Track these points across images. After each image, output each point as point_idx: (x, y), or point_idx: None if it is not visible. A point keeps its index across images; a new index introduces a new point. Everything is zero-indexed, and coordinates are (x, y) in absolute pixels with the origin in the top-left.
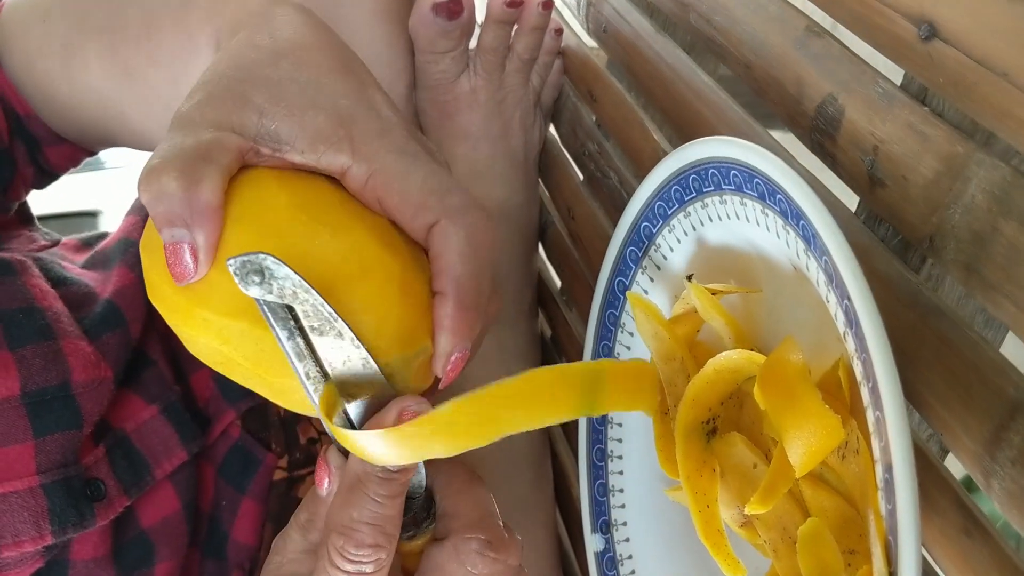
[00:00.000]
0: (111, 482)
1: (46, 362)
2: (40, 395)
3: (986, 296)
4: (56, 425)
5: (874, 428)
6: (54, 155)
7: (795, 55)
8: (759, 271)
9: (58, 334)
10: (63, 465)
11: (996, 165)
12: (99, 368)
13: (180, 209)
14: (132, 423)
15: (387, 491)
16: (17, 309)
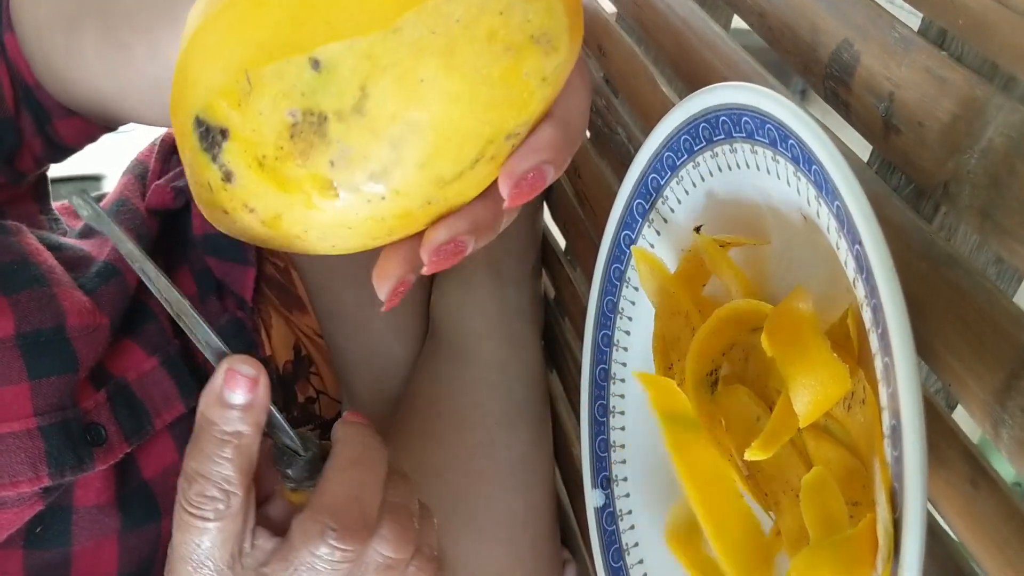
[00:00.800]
0: (112, 428)
1: (39, 305)
2: (35, 336)
3: (1000, 242)
4: (51, 368)
5: (882, 375)
6: (64, 128)
7: (810, 1)
8: (768, 223)
9: (52, 282)
10: (60, 408)
11: (1016, 108)
12: (94, 315)
13: None
14: (133, 372)
15: (220, 451)
16: (11, 261)
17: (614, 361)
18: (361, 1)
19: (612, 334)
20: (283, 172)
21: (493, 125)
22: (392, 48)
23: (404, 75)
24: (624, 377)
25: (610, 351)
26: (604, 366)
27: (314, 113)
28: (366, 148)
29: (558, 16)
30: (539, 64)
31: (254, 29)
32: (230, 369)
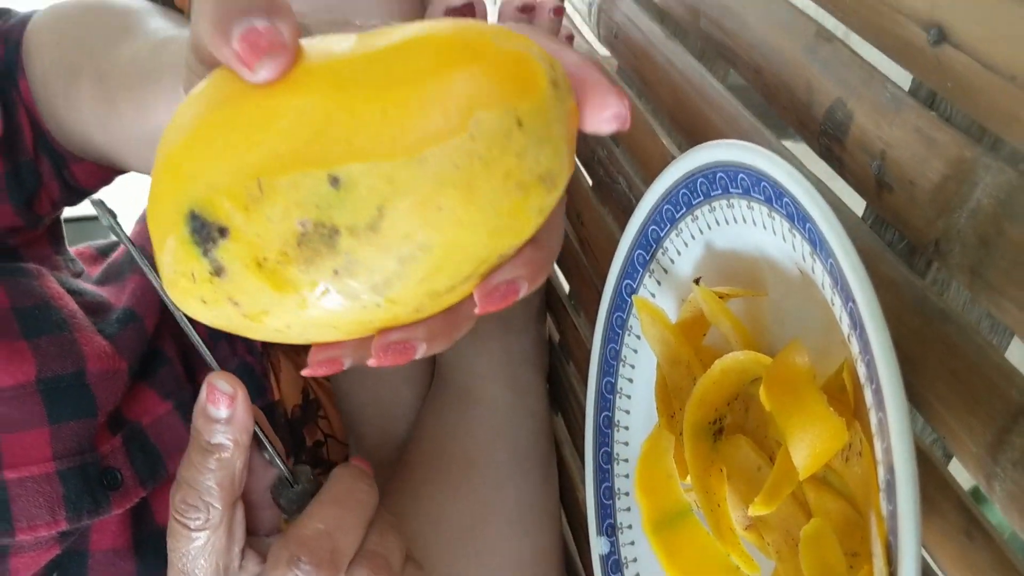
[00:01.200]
0: (128, 472)
1: (61, 351)
2: (55, 382)
3: (990, 300)
4: (71, 412)
5: (877, 430)
6: (80, 171)
7: (805, 60)
8: (766, 275)
9: (73, 327)
10: (78, 452)
11: (1003, 169)
12: (113, 360)
13: (259, 1)
14: (148, 417)
15: (204, 461)
16: (33, 306)
17: (618, 408)
18: (386, 126)
19: (615, 382)
20: (282, 275)
21: (492, 248)
22: (414, 176)
23: (424, 202)
24: (628, 425)
25: (613, 399)
26: (608, 413)
27: (326, 225)
28: (373, 262)
29: (562, 157)
30: (542, 200)
31: (271, 137)
32: (210, 384)
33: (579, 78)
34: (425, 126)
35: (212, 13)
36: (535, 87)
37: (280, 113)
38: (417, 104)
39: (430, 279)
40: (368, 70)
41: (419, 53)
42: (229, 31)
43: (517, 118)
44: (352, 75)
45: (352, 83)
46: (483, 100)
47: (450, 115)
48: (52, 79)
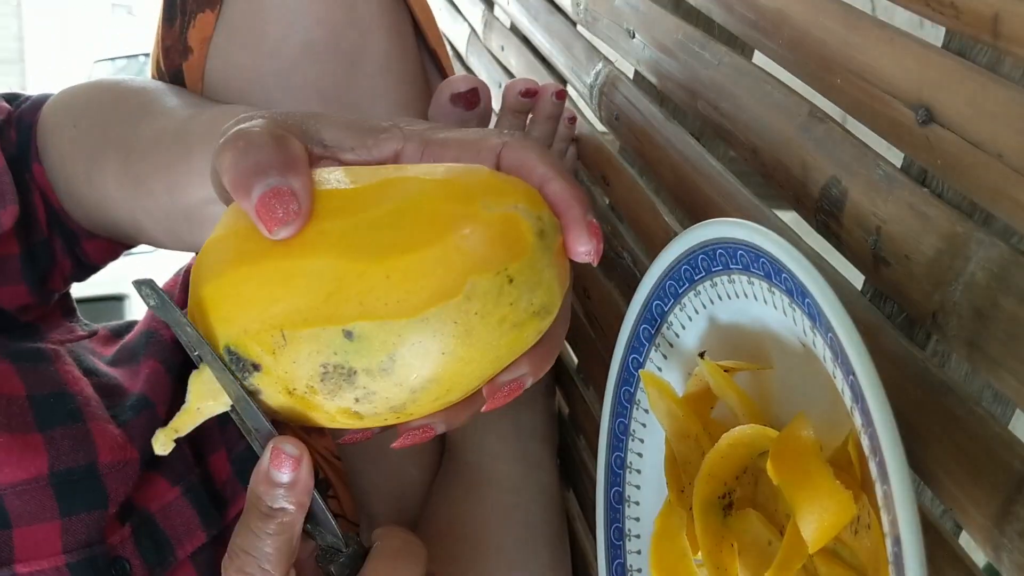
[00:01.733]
0: (136, 561)
1: (74, 443)
2: (67, 475)
3: (990, 371)
4: (82, 505)
5: (883, 502)
6: (91, 248)
7: (799, 139)
8: (770, 348)
9: (87, 417)
10: (88, 544)
11: (995, 244)
12: (125, 450)
13: (272, 158)
14: (157, 503)
15: (264, 526)
16: (49, 394)
17: (628, 484)
18: (392, 291)
19: (625, 456)
20: (310, 401)
21: (494, 370)
22: (418, 331)
23: (429, 350)
24: (639, 500)
25: (623, 474)
26: (618, 488)
27: (345, 367)
28: (388, 393)
29: (555, 292)
30: (538, 327)
31: (292, 294)
32: (276, 448)
33: (560, 212)
34: (426, 290)
35: (232, 170)
36: (523, 246)
37: (298, 273)
38: (418, 271)
39: (442, 399)
40: (373, 236)
41: (417, 220)
42: (249, 189)
43: (508, 276)
44: (359, 241)
45: (360, 250)
46: (476, 266)
47: (447, 281)
48: (71, 161)
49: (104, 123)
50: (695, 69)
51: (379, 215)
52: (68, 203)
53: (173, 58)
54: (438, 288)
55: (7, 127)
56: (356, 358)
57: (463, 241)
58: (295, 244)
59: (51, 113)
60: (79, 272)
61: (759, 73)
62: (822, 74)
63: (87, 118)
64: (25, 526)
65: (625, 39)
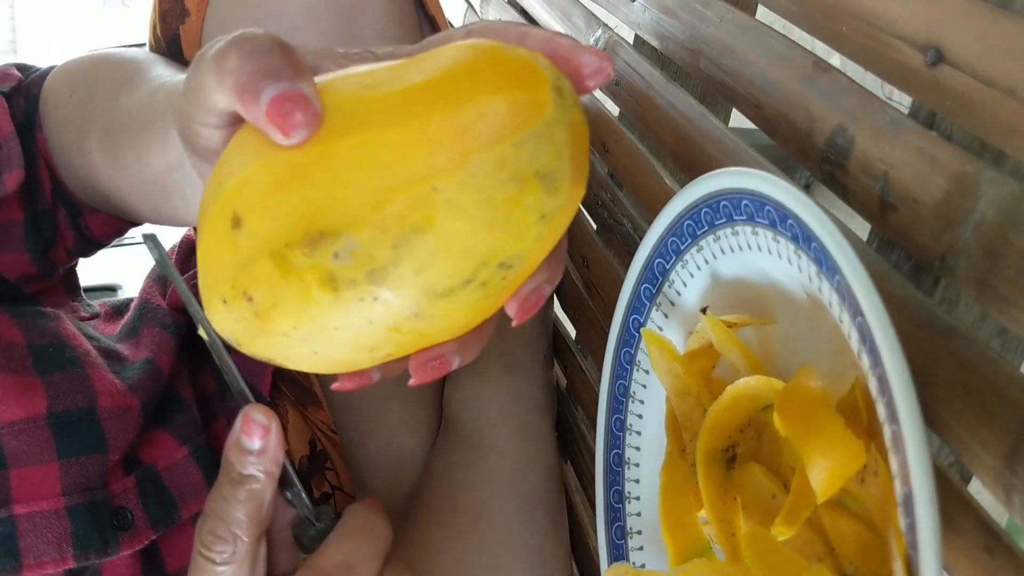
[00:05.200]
0: (139, 513)
1: (72, 386)
2: (65, 416)
3: (1000, 310)
4: (81, 448)
5: (891, 443)
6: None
7: (804, 91)
8: (773, 302)
9: (86, 364)
10: (88, 489)
11: (1006, 181)
12: (126, 397)
13: (281, 62)
14: (164, 461)
15: (235, 492)
16: (47, 343)
17: (628, 445)
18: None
19: (624, 418)
20: (290, 260)
21: (488, 246)
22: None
23: (420, 181)
24: (638, 462)
25: (623, 435)
26: (618, 451)
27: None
28: (370, 244)
29: (564, 160)
30: (539, 199)
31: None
32: (246, 415)
33: (551, 51)
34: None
35: (237, 73)
36: (538, 87)
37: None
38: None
39: (426, 271)
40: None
41: (446, 80)
42: (258, 94)
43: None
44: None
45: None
46: (488, 88)
47: (456, 99)
48: (65, 132)
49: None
50: (697, 28)
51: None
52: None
53: (170, 22)
54: (444, 105)
55: (16, 95)
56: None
57: (483, 71)
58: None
59: (52, 84)
60: (83, 246)
61: (762, 28)
62: (827, 23)
63: (81, 90)
64: (23, 466)
65: (625, 3)
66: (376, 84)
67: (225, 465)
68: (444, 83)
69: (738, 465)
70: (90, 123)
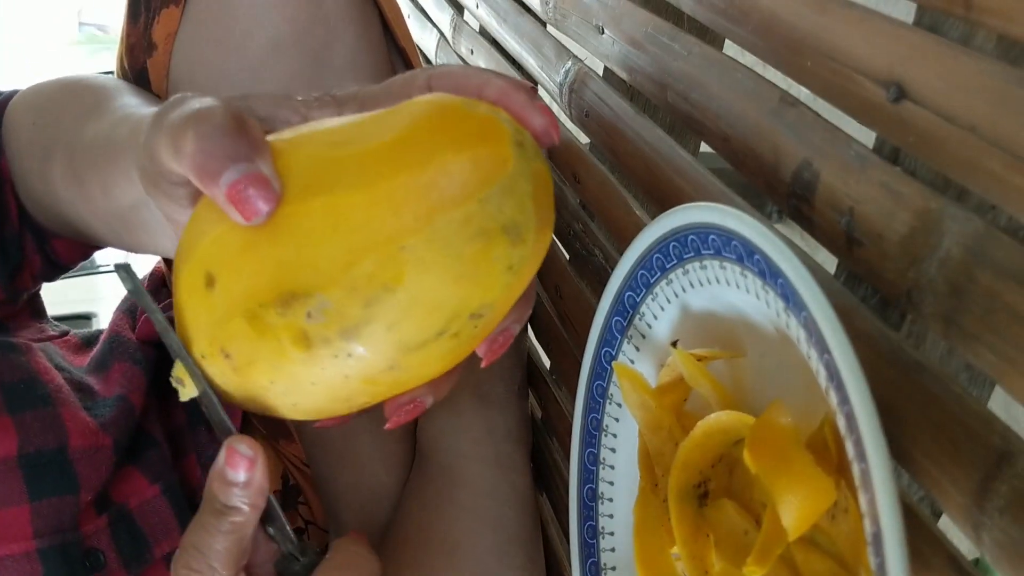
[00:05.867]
0: (111, 554)
1: (44, 426)
2: (37, 458)
3: (966, 346)
4: (53, 489)
5: (860, 481)
6: (60, 247)
7: (770, 125)
8: (743, 335)
9: (58, 403)
10: (60, 531)
11: (969, 218)
12: (97, 436)
13: (238, 143)
14: (135, 499)
15: (217, 523)
16: (19, 380)
17: (601, 480)
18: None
19: (598, 452)
20: (264, 319)
21: (459, 300)
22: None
23: (388, 241)
24: (612, 496)
25: (597, 470)
26: (591, 485)
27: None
28: (342, 303)
29: (528, 211)
30: (506, 251)
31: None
32: (230, 447)
33: (507, 105)
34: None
35: (195, 156)
36: (499, 143)
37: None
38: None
39: (399, 327)
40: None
41: (408, 143)
42: (217, 177)
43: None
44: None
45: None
46: (452, 146)
47: (420, 158)
48: (27, 158)
49: (56, 121)
50: (665, 61)
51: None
52: (26, 200)
53: (137, 55)
54: (409, 167)
55: None
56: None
57: (441, 127)
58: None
59: (15, 109)
60: (48, 271)
61: (729, 62)
62: (792, 58)
63: (45, 115)
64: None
65: (594, 36)
66: (342, 143)
67: (208, 497)
68: (408, 142)
69: (710, 501)
70: (53, 150)
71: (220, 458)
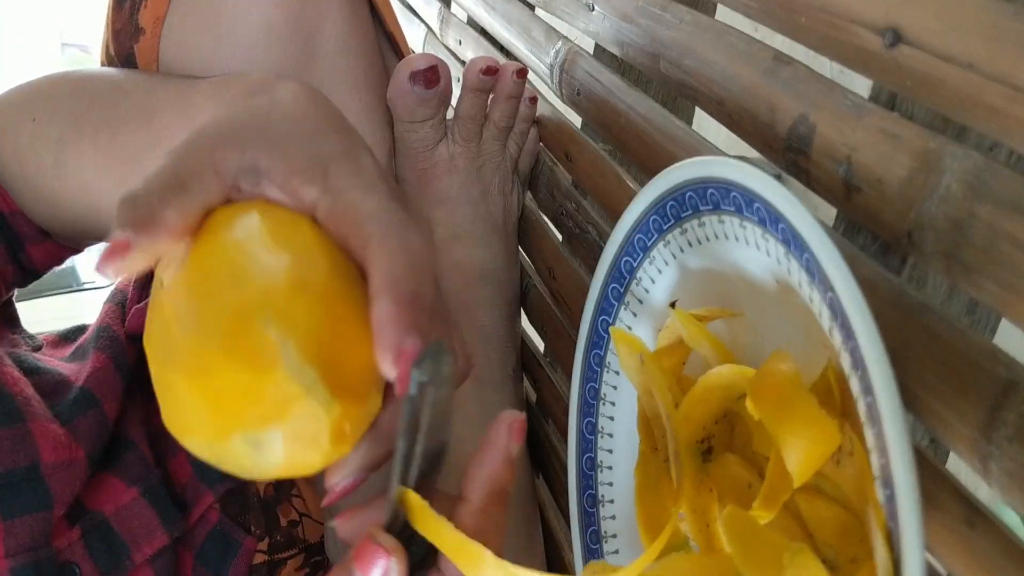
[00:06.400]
0: (86, 565)
1: (14, 444)
2: (8, 477)
3: (969, 281)
4: (25, 507)
5: (866, 416)
6: (37, 253)
7: (765, 84)
8: (741, 294)
9: (27, 416)
10: (32, 548)
11: (969, 154)
12: (70, 449)
13: (142, 218)
14: (111, 506)
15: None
16: None
17: (600, 449)
18: None
19: (596, 421)
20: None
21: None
22: None
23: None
24: (611, 464)
25: (595, 439)
26: (590, 455)
27: None
28: None
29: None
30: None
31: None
32: (369, 543)
33: (375, 332)
34: None
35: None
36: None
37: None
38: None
39: None
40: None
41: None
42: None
43: None
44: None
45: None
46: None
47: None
48: (32, 155)
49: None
50: (656, 32)
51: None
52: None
53: (123, 41)
54: None
55: None
56: None
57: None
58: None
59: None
60: (21, 278)
61: (721, 27)
62: (787, 16)
63: (47, 110)
64: None
65: (584, 14)
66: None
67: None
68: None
69: (714, 457)
70: (78, 135)
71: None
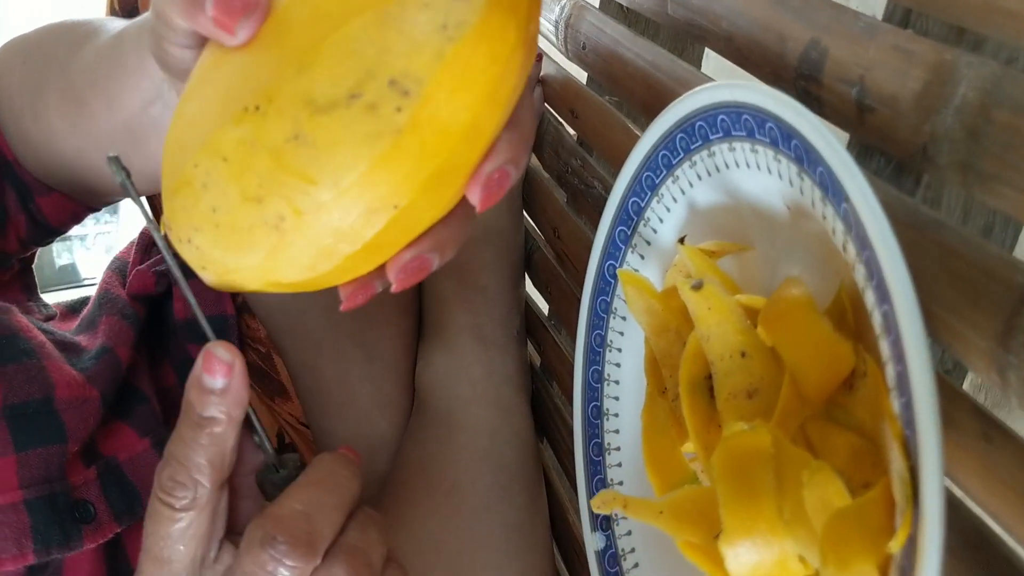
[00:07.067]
0: (101, 506)
1: (28, 378)
2: (22, 408)
3: (986, 190)
4: (38, 439)
5: (882, 328)
6: (47, 205)
7: (775, 14)
8: (752, 226)
9: (42, 356)
10: (47, 480)
11: (985, 62)
12: (84, 388)
13: None
14: (125, 453)
15: (196, 436)
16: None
17: (606, 396)
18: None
19: (602, 369)
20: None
21: (375, 49)
22: None
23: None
24: (618, 412)
25: (601, 387)
26: (596, 403)
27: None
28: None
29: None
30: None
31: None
32: (208, 352)
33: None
34: None
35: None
36: None
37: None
38: None
39: (309, 69)
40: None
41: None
42: (202, 5)
43: None
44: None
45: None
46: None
47: None
48: (19, 99)
49: (49, 55)
50: None
51: None
52: (18, 147)
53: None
54: None
55: None
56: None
57: None
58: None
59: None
60: (35, 234)
61: None
62: None
63: (35, 55)
64: None
65: None
66: None
67: (185, 406)
68: None
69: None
70: (46, 85)
71: (197, 365)
